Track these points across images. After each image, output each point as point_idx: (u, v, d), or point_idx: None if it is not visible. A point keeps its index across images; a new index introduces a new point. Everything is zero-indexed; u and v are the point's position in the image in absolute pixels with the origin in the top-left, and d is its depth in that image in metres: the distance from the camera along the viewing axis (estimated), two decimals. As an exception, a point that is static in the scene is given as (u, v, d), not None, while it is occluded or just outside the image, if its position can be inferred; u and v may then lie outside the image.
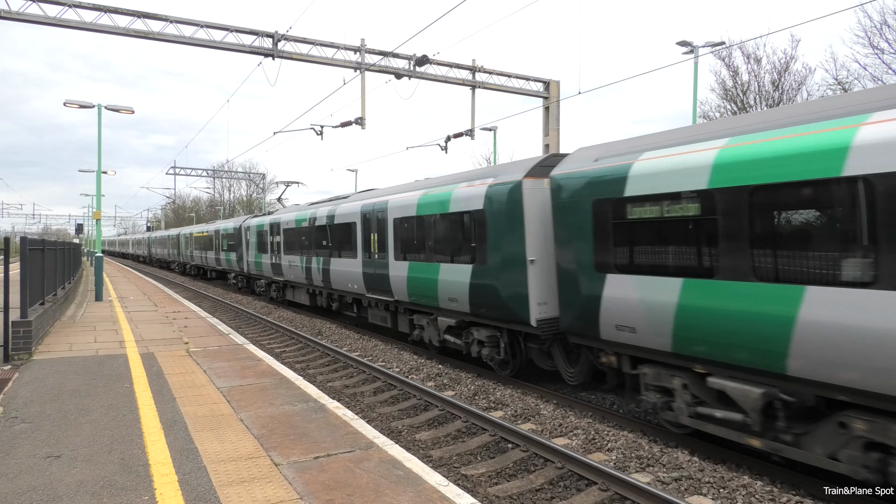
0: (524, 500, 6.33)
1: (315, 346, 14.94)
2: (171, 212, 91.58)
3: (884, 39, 23.24)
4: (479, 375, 11.50)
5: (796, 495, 6.08)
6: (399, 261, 13.59)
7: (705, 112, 30.13)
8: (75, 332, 13.74)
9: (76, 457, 5.71)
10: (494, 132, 27.96)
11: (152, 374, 9.30)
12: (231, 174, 62.38)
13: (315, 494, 4.88)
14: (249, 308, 23.66)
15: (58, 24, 15.88)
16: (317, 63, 19.03)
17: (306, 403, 7.66)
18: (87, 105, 20.70)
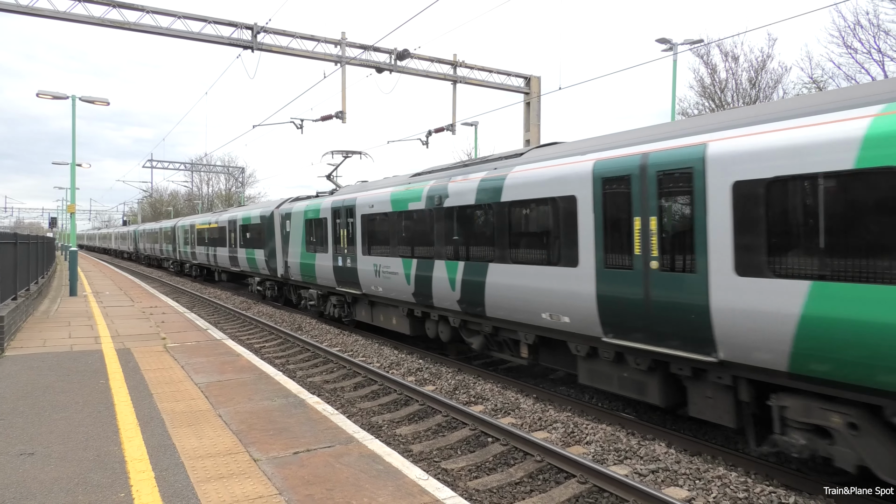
0: (504, 493, 6.38)
1: (295, 341, 14.85)
2: (148, 205, 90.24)
3: (857, 39, 23.67)
4: (460, 370, 11.53)
5: (769, 486, 6.20)
6: None
7: (684, 109, 30.46)
8: (49, 327, 13.50)
9: (50, 454, 5.62)
10: (476, 127, 27.95)
11: (129, 369, 9.18)
12: (210, 168, 61.61)
13: (294, 489, 4.87)
14: (228, 303, 23.43)
15: (30, 13, 15.52)
16: (297, 56, 18.85)
17: (286, 399, 7.62)
18: (60, 96, 20.27)
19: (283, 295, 21.60)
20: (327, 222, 16.32)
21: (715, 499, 6.00)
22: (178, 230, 37.25)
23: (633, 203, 7.52)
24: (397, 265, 12.76)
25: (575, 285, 8.33)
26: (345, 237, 15.31)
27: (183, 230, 35.93)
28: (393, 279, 12.94)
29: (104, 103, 21.32)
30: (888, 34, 22.86)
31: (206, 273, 34.37)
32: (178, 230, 37.25)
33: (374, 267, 13.70)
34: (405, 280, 12.44)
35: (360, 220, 14.36)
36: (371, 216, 13.93)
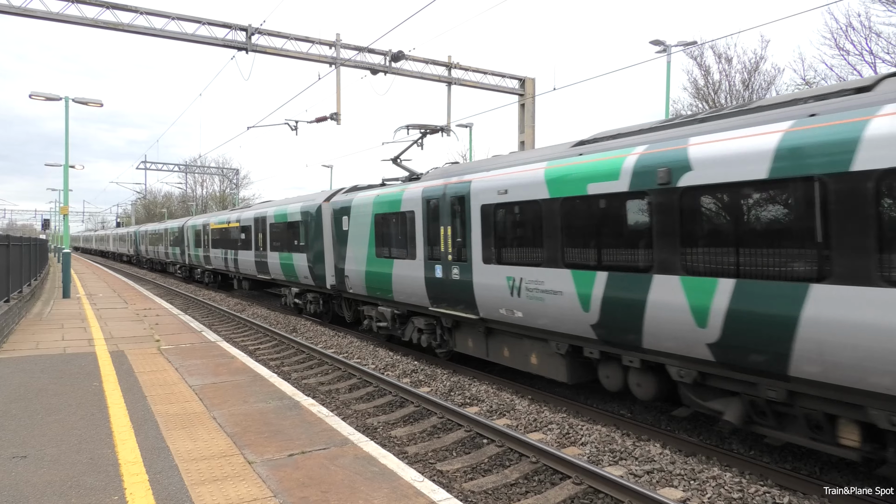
0: (499, 494, 6.37)
1: (290, 343, 14.81)
2: (142, 207, 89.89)
3: (849, 41, 23.82)
4: (455, 372, 11.52)
5: (764, 486, 6.22)
6: None
7: (678, 110, 30.57)
8: (42, 329, 13.42)
9: (43, 457, 5.58)
10: (470, 129, 28.00)
11: (122, 372, 9.14)
12: (204, 169, 61.43)
13: (289, 492, 4.85)
14: (223, 305, 23.35)
15: (23, 14, 15.46)
16: (291, 57, 18.83)
17: (281, 401, 7.60)
18: (53, 97, 20.18)
19: (331, 310, 17.72)
20: (415, 217, 12.16)
21: (710, 499, 6.01)
22: (187, 230, 32.59)
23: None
24: (561, 280, 8.59)
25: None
26: (447, 238, 11.18)
27: (194, 231, 31.28)
28: (550, 301, 8.81)
29: (97, 104, 21.24)
30: (879, 36, 23.03)
31: (220, 280, 29.81)
32: (187, 230, 32.59)
33: (507, 281, 9.62)
34: (578, 303, 8.31)
35: (480, 212, 10.26)
36: (502, 206, 9.78)
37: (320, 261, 16.92)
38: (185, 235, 33.09)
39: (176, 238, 35.62)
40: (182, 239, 33.97)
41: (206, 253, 29.32)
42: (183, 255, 34.50)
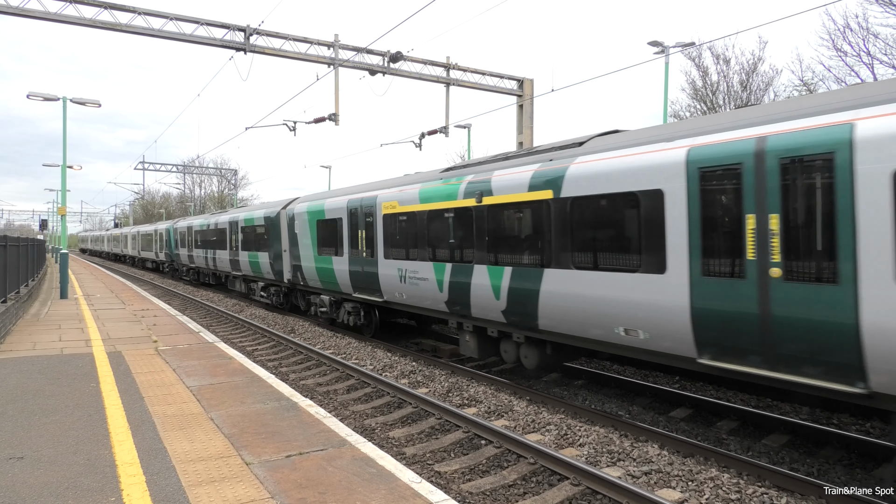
0: (497, 495, 6.37)
1: (288, 343, 14.80)
2: (140, 208, 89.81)
3: (847, 42, 23.90)
4: (453, 373, 11.52)
5: (762, 486, 6.23)
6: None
7: (676, 112, 30.63)
8: (39, 330, 13.40)
9: (40, 458, 5.57)
10: (469, 130, 27.99)
11: (120, 373, 9.12)
12: (202, 170, 61.38)
13: (287, 493, 4.84)
14: (220, 306, 23.32)
15: (21, 14, 15.43)
16: (290, 58, 18.82)
17: (278, 402, 7.59)
18: (51, 98, 20.15)
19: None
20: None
21: (707, 500, 6.01)
22: (235, 227, 24.24)
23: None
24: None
25: None
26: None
27: (231, 226, 24.71)
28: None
29: (95, 105, 21.21)
30: (877, 37, 23.09)
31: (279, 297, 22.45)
32: (235, 227, 24.24)
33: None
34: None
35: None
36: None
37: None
38: (233, 233, 24.68)
39: (216, 238, 27.14)
40: (229, 239, 25.43)
41: (191, 252, 32.25)
42: (233, 264, 25.15)
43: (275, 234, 19.76)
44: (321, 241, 16.29)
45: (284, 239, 19.03)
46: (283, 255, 19.12)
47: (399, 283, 12.72)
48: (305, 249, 17.27)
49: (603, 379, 10.70)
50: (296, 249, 17.95)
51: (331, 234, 15.73)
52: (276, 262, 19.76)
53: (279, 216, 19.50)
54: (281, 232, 19.32)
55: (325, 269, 16.14)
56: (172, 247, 37.18)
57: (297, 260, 17.89)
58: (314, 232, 16.67)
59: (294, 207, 18.28)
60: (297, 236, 17.84)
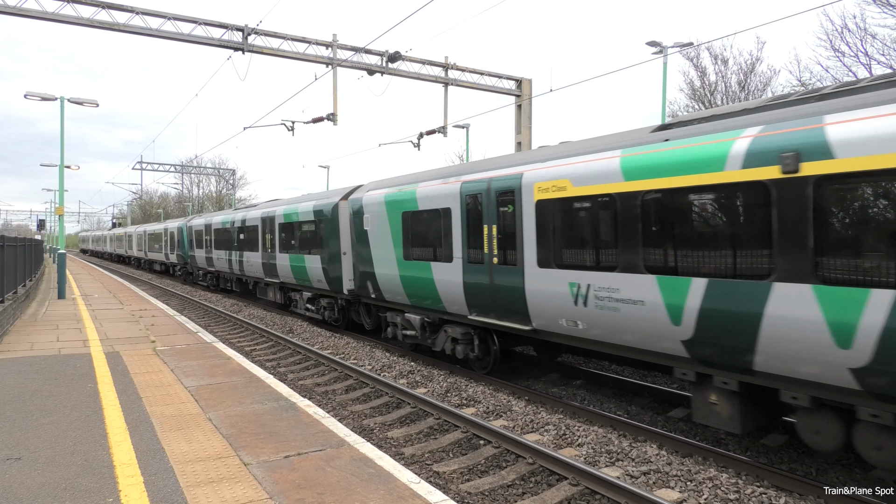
0: (496, 496, 6.36)
1: (286, 343, 14.78)
2: (138, 208, 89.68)
3: (844, 43, 23.94)
4: (452, 372, 11.51)
5: (760, 486, 6.23)
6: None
7: (674, 111, 30.66)
8: (37, 330, 13.37)
9: (37, 458, 5.55)
10: (467, 130, 27.99)
11: (117, 373, 9.10)
12: (200, 170, 61.33)
13: (285, 494, 4.83)
14: (219, 306, 23.29)
15: (18, 14, 15.40)
16: (288, 58, 18.80)
17: (277, 402, 7.58)
18: (49, 97, 20.11)
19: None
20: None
21: (706, 500, 6.01)
22: (271, 221, 20.34)
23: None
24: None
25: None
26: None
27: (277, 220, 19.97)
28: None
29: (93, 105, 21.18)
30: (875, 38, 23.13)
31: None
32: (271, 221, 20.34)
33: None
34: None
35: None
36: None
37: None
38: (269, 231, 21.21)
39: (249, 237, 22.74)
40: (263, 236, 21.75)
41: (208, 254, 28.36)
42: (270, 269, 21.11)
43: (330, 232, 15.77)
44: (411, 240, 12.29)
45: (345, 238, 15.31)
46: (343, 258, 15.33)
47: (571, 304, 8.55)
48: (382, 251, 13.22)
49: (601, 379, 10.71)
50: (365, 251, 13.90)
51: (428, 231, 11.75)
52: (332, 266, 15.72)
53: (337, 209, 15.58)
54: (339, 229, 15.52)
55: (417, 280, 12.06)
56: (186, 248, 32.94)
57: (368, 265, 13.80)
58: (398, 228, 12.63)
59: (363, 197, 14.19)
60: (366, 234, 13.83)
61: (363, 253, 14.09)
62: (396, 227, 12.77)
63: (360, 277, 14.43)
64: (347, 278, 15.32)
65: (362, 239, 14.09)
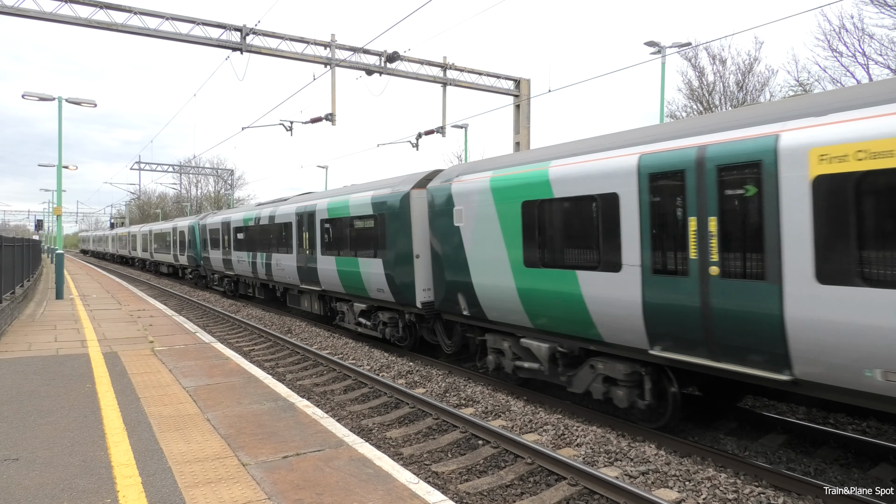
0: (494, 496, 6.36)
1: (285, 344, 14.77)
2: (136, 208, 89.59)
3: (842, 43, 23.98)
4: (450, 373, 11.51)
5: (759, 486, 6.23)
6: None
7: (672, 112, 30.69)
8: (35, 330, 13.35)
9: (35, 459, 5.54)
10: (465, 130, 28.00)
11: (115, 373, 9.09)
12: (198, 170, 61.26)
13: (284, 494, 4.83)
14: (217, 306, 23.26)
15: (16, 14, 15.37)
16: (286, 58, 18.79)
17: (275, 402, 7.57)
18: (46, 97, 20.08)
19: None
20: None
21: (705, 500, 6.01)
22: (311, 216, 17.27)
23: None
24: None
25: None
26: None
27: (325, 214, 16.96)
28: None
29: (91, 105, 21.16)
30: (872, 38, 23.17)
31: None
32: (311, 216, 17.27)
33: None
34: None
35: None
36: None
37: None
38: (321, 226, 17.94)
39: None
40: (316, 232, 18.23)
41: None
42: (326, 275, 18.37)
43: (396, 229, 12.65)
44: (538, 239, 8.97)
45: (419, 236, 12.26)
46: (415, 262, 12.22)
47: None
48: (485, 254, 10.05)
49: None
50: (454, 254, 10.79)
51: (571, 228, 8.57)
52: (399, 272, 12.57)
53: (407, 200, 12.37)
54: (411, 225, 12.36)
55: (549, 295, 8.77)
56: (199, 248, 29.75)
57: (459, 272, 10.69)
58: (515, 223, 9.37)
59: (451, 184, 10.94)
60: (457, 232, 10.69)
61: (452, 256, 10.85)
62: (511, 222, 9.44)
63: (445, 288, 11.15)
64: (422, 287, 12.20)
65: (450, 238, 10.89)
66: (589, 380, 8.54)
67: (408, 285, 12.37)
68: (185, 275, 34.58)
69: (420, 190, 12.36)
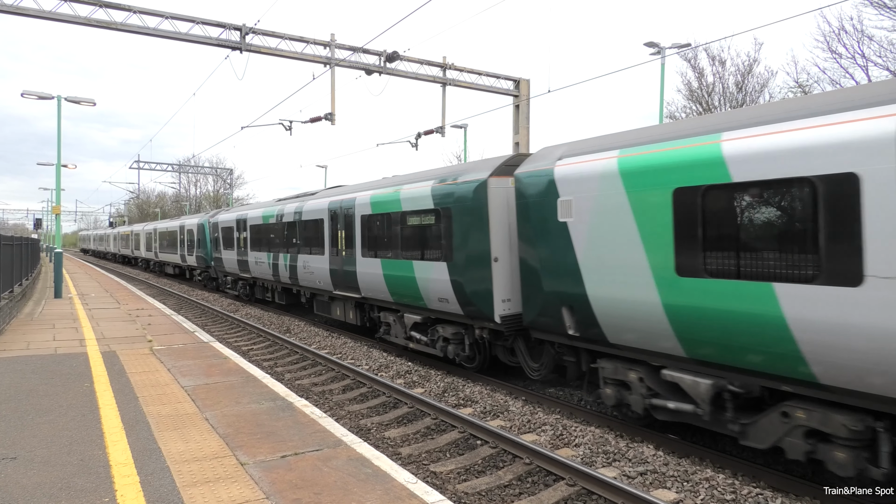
0: (493, 496, 6.37)
1: (283, 343, 14.76)
2: (135, 207, 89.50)
3: (841, 44, 23.97)
4: (449, 373, 11.51)
5: (756, 487, 6.24)
6: None
7: (672, 112, 30.69)
8: (33, 329, 13.33)
9: (33, 458, 5.54)
10: (465, 130, 27.99)
11: (114, 372, 9.08)
12: (197, 169, 61.21)
13: (282, 494, 4.83)
14: (216, 305, 23.25)
15: (15, 13, 15.34)
16: (286, 57, 18.77)
17: (274, 402, 7.57)
18: (45, 96, 20.06)
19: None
20: None
21: (703, 501, 6.02)
22: None
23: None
24: None
25: None
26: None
27: None
28: None
29: (90, 104, 21.13)
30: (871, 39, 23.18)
31: None
32: None
33: None
34: None
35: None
36: None
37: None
38: None
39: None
40: None
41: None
42: None
43: (468, 226, 10.37)
44: (702, 240, 6.69)
45: (498, 235, 9.98)
46: (494, 266, 9.93)
47: None
48: (609, 259, 7.72)
49: None
50: (559, 257, 8.43)
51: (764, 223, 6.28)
52: (470, 278, 10.33)
53: (484, 190, 10.02)
54: (489, 221, 9.96)
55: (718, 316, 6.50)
56: (209, 248, 27.80)
57: (567, 282, 8.30)
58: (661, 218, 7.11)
59: (553, 168, 8.57)
60: (563, 230, 8.32)
61: (553, 260, 8.53)
62: (654, 216, 7.16)
63: (542, 300, 8.80)
64: (501, 298, 10.00)
65: (550, 237, 8.58)
66: (779, 432, 6.24)
67: (482, 295, 10.14)
68: (194, 276, 32.77)
69: (501, 178, 10.14)
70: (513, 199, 9.68)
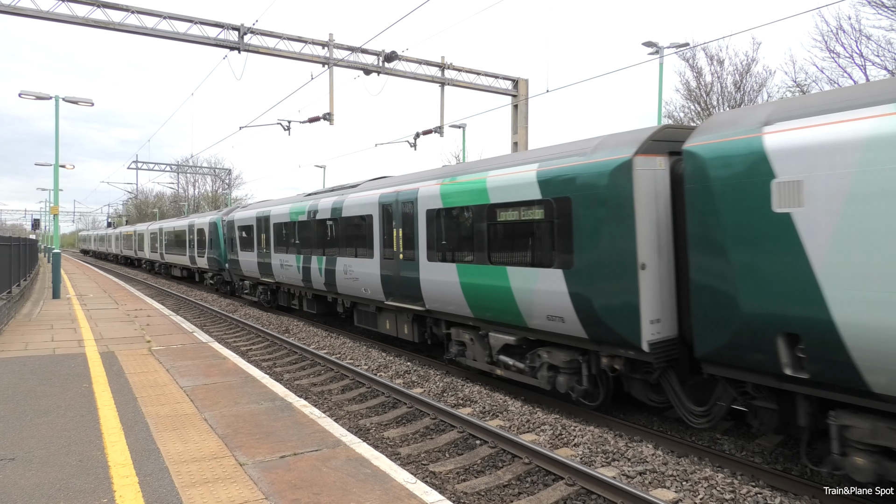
0: (492, 495, 6.36)
1: (282, 343, 14.75)
2: (134, 207, 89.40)
3: (839, 44, 24.01)
4: (448, 373, 11.51)
5: (755, 486, 6.24)
6: None
7: (670, 112, 30.70)
8: (31, 330, 13.31)
9: (31, 459, 5.53)
10: (463, 130, 27.97)
11: (112, 373, 9.07)
12: (196, 169, 61.13)
13: (281, 494, 4.82)
14: (214, 305, 23.23)
15: (13, 13, 15.33)
16: (284, 57, 18.77)
17: (273, 402, 7.56)
18: (43, 96, 20.03)
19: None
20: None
21: (702, 500, 6.02)
22: None
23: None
24: None
25: None
26: None
27: None
28: None
29: (88, 104, 21.11)
30: (870, 39, 23.21)
31: None
32: None
33: None
34: None
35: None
36: None
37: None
38: None
39: None
40: None
41: None
42: None
43: (601, 222, 7.80)
44: None
45: (646, 235, 7.49)
46: (640, 275, 7.41)
47: None
48: (873, 263, 5.19)
49: None
50: (777, 264, 5.92)
51: None
52: (605, 291, 7.80)
53: (628, 172, 7.47)
54: (634, 215, 7.43)
55: None
56: (223, 249, 25.48)
57: (790, 300, 5.84)
58: None
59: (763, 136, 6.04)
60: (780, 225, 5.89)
61: (764, 269, 6.04)
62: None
63: (737, 324, 6.30)
64: (650, 318, 7.49)
65: (758, 235, 6.09)
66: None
67: (621, 313, 7.63)
68: (205, 279, 29.98)
69: (649, 157, 7.60)
70: (662, 184, 7.57)
